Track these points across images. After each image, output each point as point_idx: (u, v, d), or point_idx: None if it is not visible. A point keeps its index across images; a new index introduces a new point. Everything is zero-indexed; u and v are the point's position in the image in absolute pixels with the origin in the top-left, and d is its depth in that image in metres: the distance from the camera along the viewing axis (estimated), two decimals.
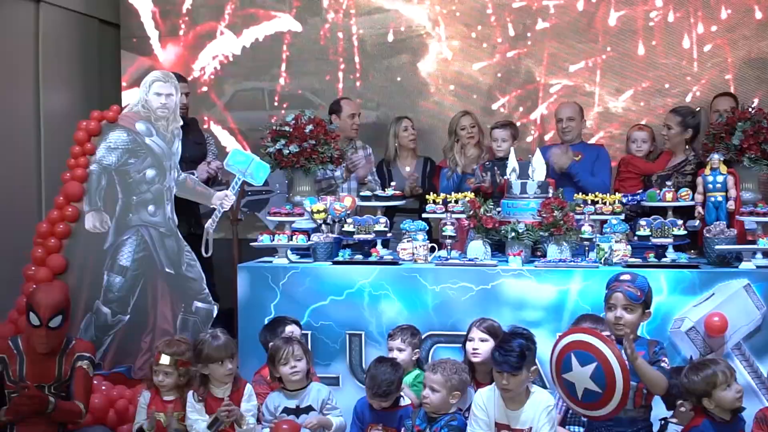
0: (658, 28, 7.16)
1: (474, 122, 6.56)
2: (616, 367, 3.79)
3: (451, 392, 4.23)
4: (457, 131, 6.55)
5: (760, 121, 5.46)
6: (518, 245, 5.29)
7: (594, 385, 3.85)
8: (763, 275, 4.96)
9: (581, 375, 3.88)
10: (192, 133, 6.34)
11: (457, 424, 4.21)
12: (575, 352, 3.92)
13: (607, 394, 3.82)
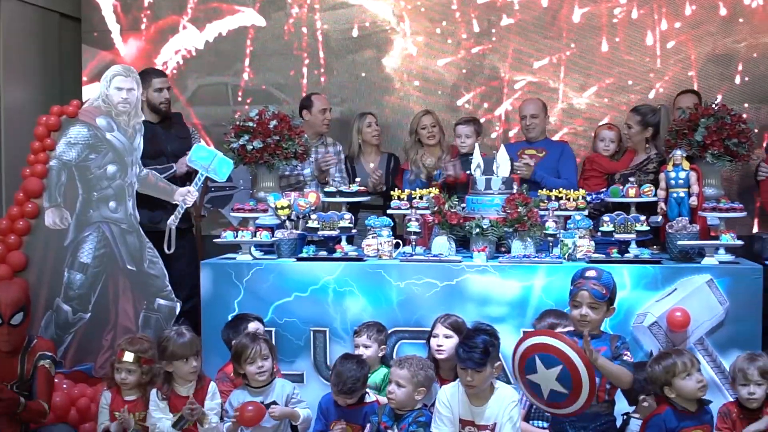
0: (621, 25, 7.20)
1: (435, 121, 6.54)
2: (581, 368, 3.79)
3: (417, 388, 4.22)
4: (417, 130, 6.53)
5: (723, 117, 5.51)
6: (482, 241, 5.29)
7: (560, 386, 3.84)
8: (726, 271, 5.00)
9: (546, 377, 3.87)
10: (175, 127, 6.29)
11: (424, 419, 4.21)
12: (539, 354, 3.90)
13: (574, 393, 3.82)
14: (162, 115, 6.17)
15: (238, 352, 4.51)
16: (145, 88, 5.99)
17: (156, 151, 5.98)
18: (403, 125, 7.16)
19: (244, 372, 4.51)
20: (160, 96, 6.13)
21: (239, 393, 4.53)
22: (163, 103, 6.14)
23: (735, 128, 5.49)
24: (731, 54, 7.07)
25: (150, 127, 5.94)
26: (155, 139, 5.98)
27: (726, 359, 4.81)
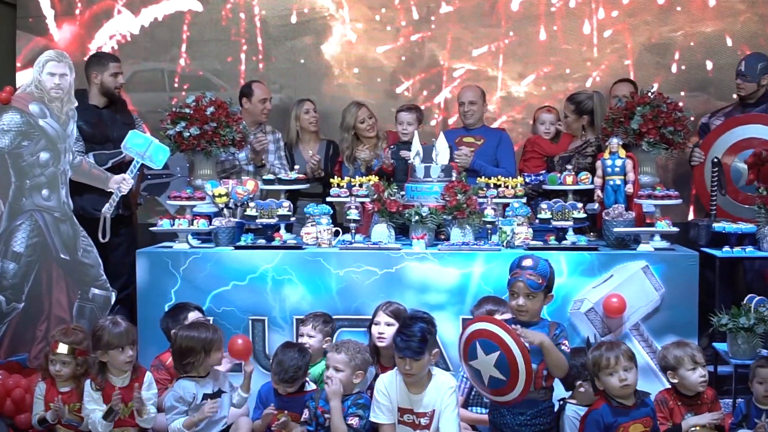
0: (559, 14, 7.24)
1: (370, 112, 6.54)
2: (518, 355, 3.81)
3: (355, 371, 4.22)
4: (355, 125, 6.49)
5: (658, 105, 5.58)
6: (422, 229, 5.30)
7: (498, 372, 3.87)
8: (661, 257, 5.08)
9: (486, 363, 3.90)
10: (121, 114, 6.18)
11: (363, 402, 4.21)
12: (479, 340, 3.93)
13: (512, 381, 3.85)
14: (114, 99, 6.08)
15: (207, 346, 4.40)
16: (100, 71, 5.95)
17: (102, 137, 5.87)
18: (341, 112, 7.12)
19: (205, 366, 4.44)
20: (115, 81, 6.05)
21: (188, 385, 4.40)
22: (118, 88, 6.07)
23: (671, 116, 5.57)
24: (668, 43, 7.16)
25: (96, 111, 5.85)
26: (101, 124, 5.89)
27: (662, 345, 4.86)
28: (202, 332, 4.37)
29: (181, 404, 4.34)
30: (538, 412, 4.04)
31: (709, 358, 4.72)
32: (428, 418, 4.10)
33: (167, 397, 4.41)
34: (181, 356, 4.36)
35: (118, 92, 6.10)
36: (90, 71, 5.98)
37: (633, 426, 3.94)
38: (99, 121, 5.85)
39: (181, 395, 4.34)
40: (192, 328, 4.43)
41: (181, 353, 4.35)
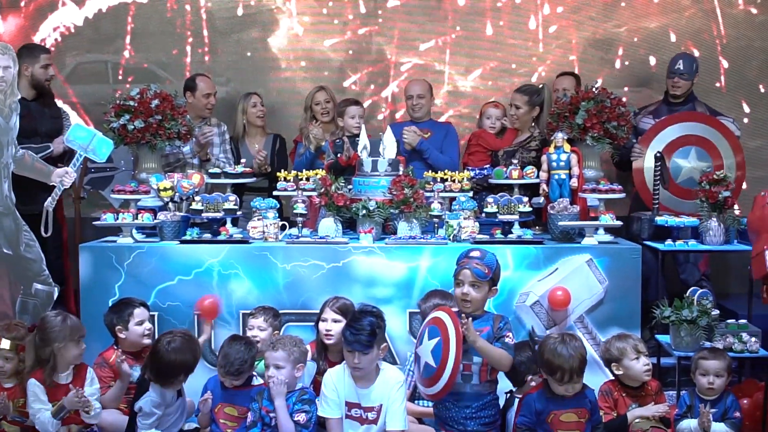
0: (505, 9, 7.30)
1: (329, 98, 6.54)
2: (452, 346, 3.86)
3: (296, 365, 4.20)
4: (312, 106, 6.50)
5: (603, 101, 5.65)
6: (369, 223, 5.30)
7: (432, 359, 3.91)
8: (605, 250, 5.15)
9: (426, 349, 3.97)
10: (49, 107, 6.08)
11: (308, 397, 4.20)
12: (431, 327, 4.01)
13: (439, 371, 3.89)
14: (44, 92, 5.98)
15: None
16: (30, 63, 5.85)
17: (31, 130, 5.75)
18: (289, 106, 7.13)
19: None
20: (46, 73, 5.96)
21: (153, 395, 4.36)
22: (48, 80, 5.98)
23: (614, 111, 5.64)
24: (611, 38, 7.27)
25: (24, 104, 5.71)
26: (29, 117, 5.76)
27: (605, 337, 4.93)
28: (187, 355, 4.35)
29: (158, 409, 4.30)
30: (483, 405, 4.07)
31: (652, 350, 4.80)
32: (376, 412, 4.11)
33: (144, 403, 4.33)
34: (169, 375, 4.32)
35: (48, 85, 5.99)
36: (20, 63, 5.84)
37: (565, 415, 3.99)
38: (27, 113, 5.70)
39: (159, 402, 4.31)
40: (180, 351, 4.35)
41: (169, 373, 4.31)
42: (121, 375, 4.57)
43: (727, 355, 4.41)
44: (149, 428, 4.29)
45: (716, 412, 4.26)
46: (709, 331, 4.65)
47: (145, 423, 4.30)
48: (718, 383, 4.29)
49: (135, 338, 4.73)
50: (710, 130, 5.97)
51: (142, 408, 4.33)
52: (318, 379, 4.49)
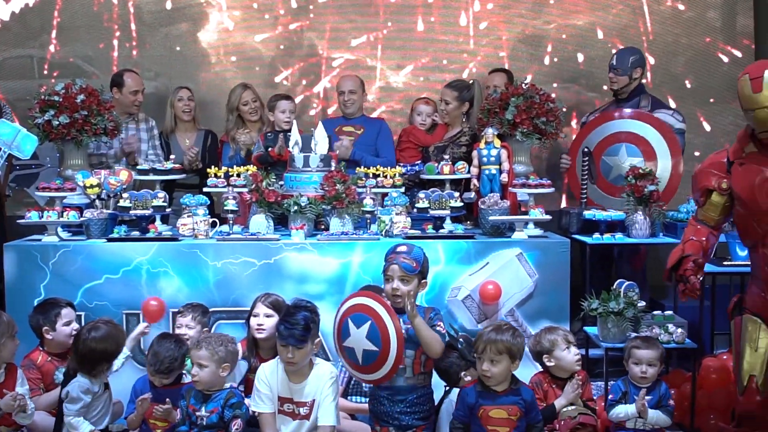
0: (436, 5, 7.32)
1: (255, 96, 6.46)
2: (388, 321, 3.86)
3: (221, 365, 4.15)
4: (239, 107, 6.41)
5: (532, 96, 5.71)
6: (301, 219, 5.27)
7: (370, 344, 3.90)
8: (535, 244, 5.21)
9: (358, 337, 3.93)
10: None
11: (237, 400, 4.15)
12: (351, 316, 3.98)
13: (384, 351, 3.88)
14: None
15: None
16: None
17: None
18: (219, 101, 7.01)
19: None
20: None
21: (75, 383, 4.29)
22: None
23: (543, 107, 5.70)
24: (541, 35, 7.34)
25: None
26: None
27: (535, 330, 4.98)
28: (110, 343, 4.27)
29: (87, 396, 4.21)
30: (417, 399, 4.07)
31: (580, 341, 4.87)
32: (308, 407, 4.08)
33: (71, 387, 4.22)
34: (92, 363, 4.24)
35: None
36: None
37: (495, 410, 3.99)
38: None
39: (88, 387, 4.22)
40: (102, 340, 4.28)
41: (92, 361, 4.23)
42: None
43: (660, 345, 4.49)
44: (77, 415, 4.19)
45: (652, 399, 4.34)
46: (635, 323, 4.73)
47: (72, 409, 4.19)
48: (650, 372, 4.37)
49: (62, 339, 4.63)
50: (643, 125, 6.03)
51: (69, 393, 4.22)
52: (249, 377, 4.46)
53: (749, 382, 4.15)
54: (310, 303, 4.27)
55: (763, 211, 4.02)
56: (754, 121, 3.99)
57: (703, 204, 4.31)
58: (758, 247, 4.11)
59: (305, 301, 4.28)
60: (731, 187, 4.16)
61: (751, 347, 4.14)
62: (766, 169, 4.02)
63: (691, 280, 4.21)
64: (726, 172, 4.18)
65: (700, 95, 7.40)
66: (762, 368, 4.12)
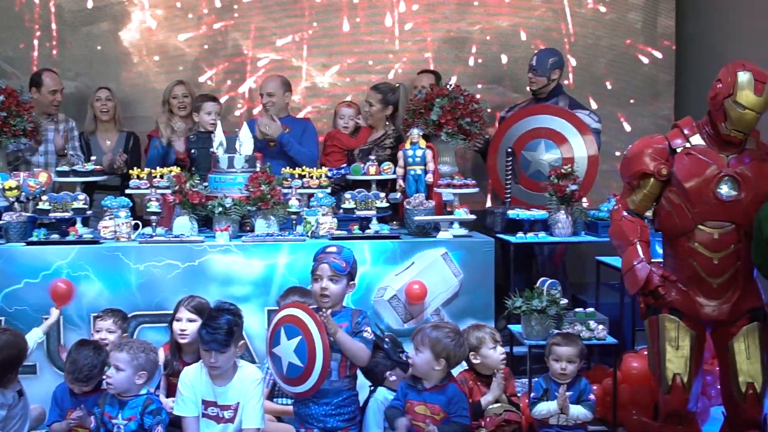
0: (362, 6, 7.32)
1: (187, 92, 6.43)
2: (318, 343, 3.84)
3: (138, 372, 4.09)
4: (169, 100, 6.40)
5: (456, 97, 5.78)
6: (225, 220, 5.24)
7: (296, 359, 3.88)
8: (460, 244, 5.26)
9: (287, 349, 3.91)
10: None
11: (155, 407, 4.09)
12: (285, 325, 3.95)
13: (308, 368, 3.87)
14: None
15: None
16: None
17: None
18: (142, 101, 6.96)
19: None
20: None
21: None
22: None
23: (468, 108, 5.78)
24: (465, 37, 7.39)
25: None
26: None
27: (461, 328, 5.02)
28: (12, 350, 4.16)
29: (2, 410, 4.10)
30: (343, 402, 4.06)
31: (505, 339, 4.91)
32: (232, 410, 4.05)
33: None
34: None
35: None
36: None
37: (419, 406, 4.03)
38: None
39: (1, 401, 4.11)
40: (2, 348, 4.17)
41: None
42: None
43: (580, 341, 4.53)
44: None
45: (572, 395, 4.38)
46: (558, 320, 4.79)
47: None
48: (570, 369, 4.41)
49: None
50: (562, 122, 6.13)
51: None
52: (171, 380, 4.41)
53: (674, 380, 4.23)
54: (233, 306, 4.22)
55: (702, 205, 4.08)
56: (738, 119, 4.00)
57: (633, 187, 4.30)
58: (684, 240, 4.16)
59: (228, 304, 4.23)
60: (671, 174, 4.16)
61: (672, 346, 4.22)
62: (714, 164, 4.08)
63: (662, 294, 4.16)
64: (665, 159, 4.18)
65: (620, 96, 7.52)
66: (686, 366, 4.21)
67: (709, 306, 4.16)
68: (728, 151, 4.11)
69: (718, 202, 4.06)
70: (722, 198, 4.05)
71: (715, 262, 4.11)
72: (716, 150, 4.12)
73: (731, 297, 4.14)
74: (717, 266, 4.11)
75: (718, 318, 4.17)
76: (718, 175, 4.06)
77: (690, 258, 4.14)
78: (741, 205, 4.05)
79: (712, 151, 4.12)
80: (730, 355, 4.20)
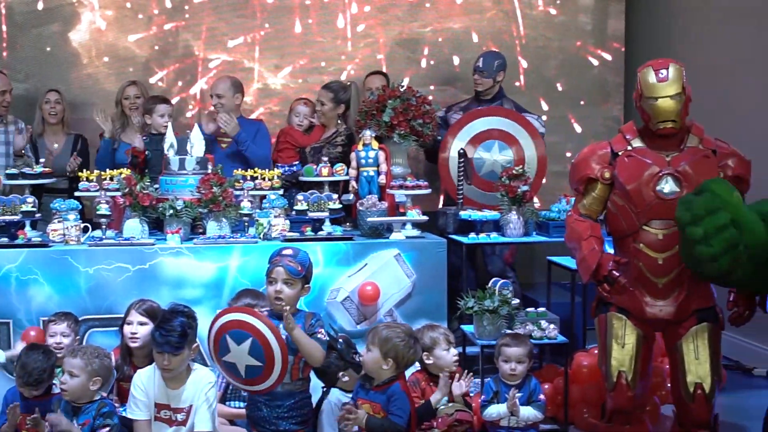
0: (313, 7, 7.31)
1: (140, 93, 6.39)
2: (270, 338, 3.83)
3: (92, 378, 4.06)
4: (121, 101, 6.36)
5: (408, 99, 5.80)
6: (177, 223, 5.20)
7: (254, 360, 3.87)
8: (412, 245, 5.28)
9: (240, 353, 3.88)
10: None
11: (108, 409, 4.07)
12: (229, 332, 3.91)
13: (268, 366, 3.85)
14: None
15: None
16: None
17: None
18: (92, 103, 6.86)
19: None
20: None
21: None
22: None
23: (420, 109, 5.81)
24: (417, 38, 7.41)
25: None
26: None
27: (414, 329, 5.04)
28: None
29: None
30: (296, 404, 4.06)
31: (458, 339, 4.94)
32: (185, 413, 4.03)
33: None
34: None
35: None
36: None
37: (365, 404, 4.04)
38: None
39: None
40: None
41: None
42: None
43: (529, 341, 4.58)
44: None
45: (522, 395, 4.42)
46: (509, 320, 4.84)
47: None
48: (519, 369, 4.45)
49: None
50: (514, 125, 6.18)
51: None
52: (122, 385, 4.37)
53: (618, 378, 4.29)
54: (187, 308, 4.21)
55: (645, 205, 4.15)
56: (656, 110, 4.09)
57: (582, 192, 4.38)
58: (630, 241, 4.23)
59: (182, 306, 4.21)
60: (614, 177, 4.24)
61: (617, 343, 4.28)
62: (653, 164, 4.15)
63: (616, 277, 4.23)
64: (608, 163, 4.27)
65: (571, 98, 7.59)
66: (631, 364, 4.27)
67: (655, 306, 4.23)
68: (668, 150, 4.19)
69: (661, 201, 4.13)
70: (664, 196, 4.12)
71: (660, 263, 4.18)
72: (656, 150, 4.20)
73: (677, 297, 4.21)
74: (662, 266, 4.18)
75: (664, 318, 4.23)
76: (658, 174, 4.14)
77: (635, 259, 4.20)
78: None
79: (652, 152, 4.19)
80: (679, 356, 4.26)
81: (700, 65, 4.18)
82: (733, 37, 6.51)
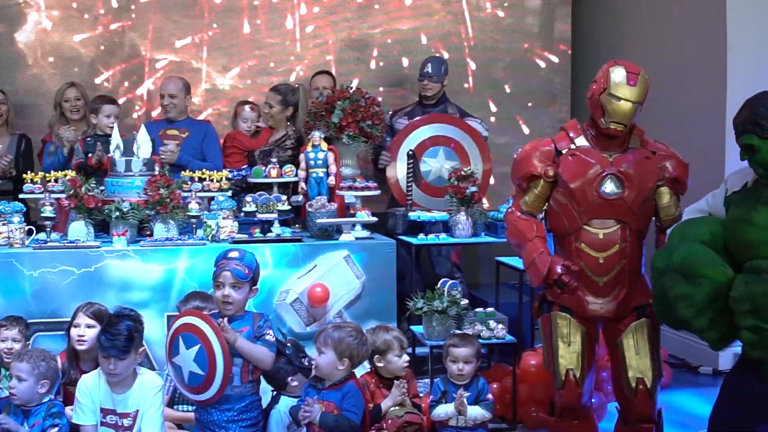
0: (262, 8, 7.28)
1: (80, 95, 6.30)
2: (217, 350, 3.82)
3: (40, 381, 4.02)
4: (61, 103, 6.26)
5: (358, 100, 5.82)
6: (123, 225, 5.15)
7: (197, 368, 3.86)
8: (362, 246, 5.29)
9: (186, 357, 3.88)
10: None
11: (57, 410, 4.03)
12: (183, 334, 3.91)
13: (209, 377, 3.84)
14: None
15: None
16: None
17: None
18: (37, 103, 6.78)
19: None
20: None
21: None
22: None
23: (369, 111, 5.82)
24: (366, 39, 7.42)
25: None
26: None
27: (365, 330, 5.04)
28: None
29: None
30: (246, 407, 4.05)
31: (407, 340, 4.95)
32: (131, 418, 3.98)
33: None
34: None
35: None
36: None
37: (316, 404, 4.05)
38: None
39: None
40: None
41: None
42: None
43: (477, 341, 4.59)
44: None
45: (470, 395, 4.42)
46: (458, 320, 4.87)
47: None
48: (467, 369, 4.46)
49: None
50: (458, 131, 6.25)
51: None
52: (69, 389, 4.31)
53: (567, 375, 4.33)
54: (134, 311, 4.16)
55: (588, 204, 4.17)
56: (615, 108, 4.08)
57: (524, 189, 4.38)
58: (571, 240, 4.26)
59: (128, 310, 4.17)
60: (558, 175, 4.25)
61: (564, 342, 4.31)
62: (597, 164, 4.18)
63: (566, 282, 4.19)
64: (552, 161, 4.27)
65: (519, 99, 7.66)
66: (578, 362, 4.31)
67: (596, 304, 4.26)
68: (611, 150, 4.23)
69: (603, 201, 4.17)
70: (606, 196, 4.17)
71: (601, 261, 4.21)
72: (599, 150, 4.23)
73: (618, 295, 4.25)
74: (603, 265, 4.21)
75: (605, 315, 4.27)
76: (601, 174, 4.17)
77: (576, 257, 4.23)
78: (625, 203, 4.15)
79: (595, 151, 4.22)
80: (620, 351, 4.31)
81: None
82: (677, 41, 6.62)
